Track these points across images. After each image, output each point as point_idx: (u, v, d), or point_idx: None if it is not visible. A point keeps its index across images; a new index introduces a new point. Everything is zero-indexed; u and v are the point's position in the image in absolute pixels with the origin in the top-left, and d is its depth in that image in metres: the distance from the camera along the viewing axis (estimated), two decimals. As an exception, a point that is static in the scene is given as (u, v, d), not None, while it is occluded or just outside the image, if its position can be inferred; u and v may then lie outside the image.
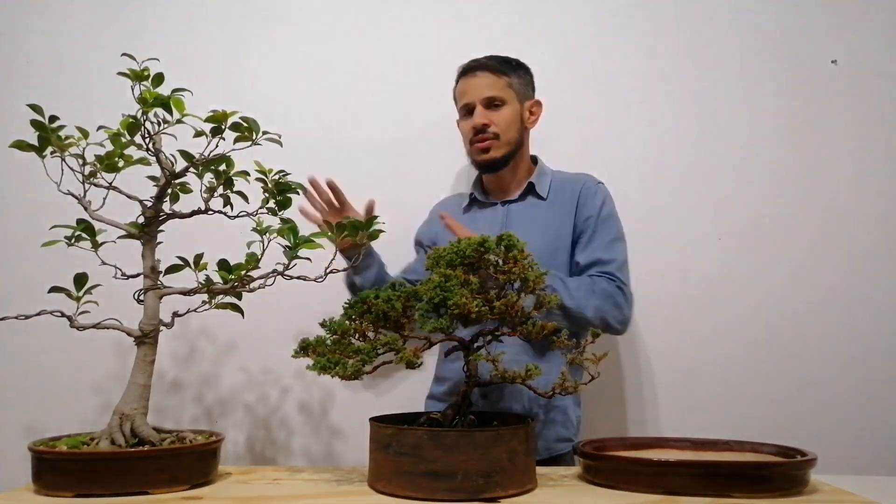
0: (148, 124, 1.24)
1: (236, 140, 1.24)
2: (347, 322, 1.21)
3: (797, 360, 1.92)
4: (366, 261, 1.70)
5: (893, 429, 1.89)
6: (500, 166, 1.70)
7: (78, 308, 1.26)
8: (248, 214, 1.33)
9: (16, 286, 1.87)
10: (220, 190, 1.31)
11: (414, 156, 1.95)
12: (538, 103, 1.75)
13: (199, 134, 1.25)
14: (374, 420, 1.23)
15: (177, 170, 1.28)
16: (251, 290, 1.32)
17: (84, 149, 1.24)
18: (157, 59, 1.22)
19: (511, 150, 1.69)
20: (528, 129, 1.75)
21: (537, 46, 1.98)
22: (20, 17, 1.96)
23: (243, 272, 1.29)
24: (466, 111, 1.70)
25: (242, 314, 1.36)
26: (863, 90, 1.98)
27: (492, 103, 1.67)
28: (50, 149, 1.22)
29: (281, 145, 1.26)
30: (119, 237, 1.31)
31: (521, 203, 1.71)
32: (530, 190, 1.71)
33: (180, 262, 1.35)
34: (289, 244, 1.31)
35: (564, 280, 1.54)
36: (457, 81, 1.73)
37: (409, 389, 1.88)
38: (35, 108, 1.20)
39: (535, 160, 1.79)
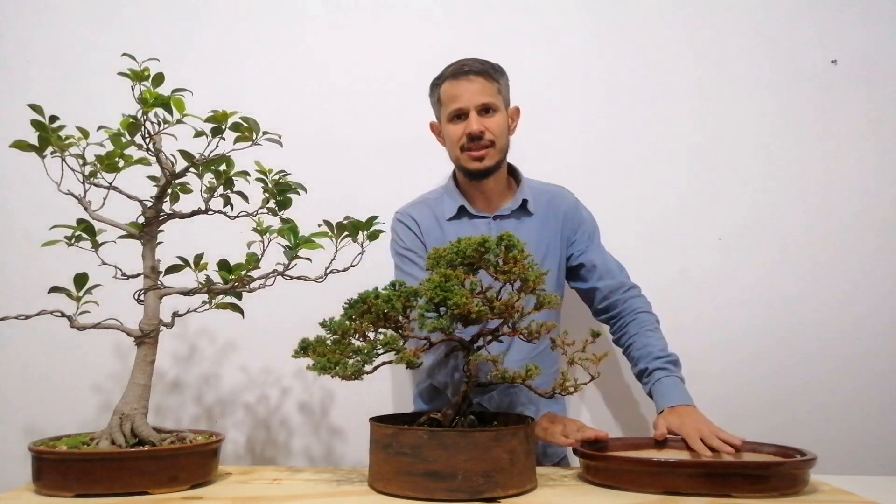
0: (148, 124, 1.24)
1: (236, 140, 1.24)
2: (347, 322, 1.21)
3: (797, 360, 1.91)
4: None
5: (893, 429, 1.89)
6: (491, 174, 1.66)
7: (78, 308, 1.26)
8: (248, 214, 1.33)
9: (16, 286, 1.87)
10: (221, 190, 1.31)
11: (413, 156, 1.95)
12: (517, 110, 1.72)
13: (199, 134, 1.24)
14: (374, 420, 1.23)
15: (177, 170, 1.28)
16: (251, 290, 1.32)
17: (84, 149, 1.24)
18: (157, 59, 1.22)
19: (502, 157, 1.67)
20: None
21: (537, 47, 1.99)
22: (20, 17, 1.96)
23: (243, 272, 1.29)
24: (457, 116, 1.63)
25: (242, 314, 1.36)
26: (863, 90, 1.97)
27: (486, 110, 1.62)
28: (50, 149, 1.22)
29: (281, 145, 1.26)
30: (119, 237, 1.31)
31: (511, 218, 1.68)
32: (522, 205, 1.69)
33: (180, 262, 1.35)
34: (289, 244, 1.31)
35: (673, 361, 1.60)
36: (440, 83, 1.66)
37: (409, 389, 1.88)
38: (35, 108, 1.19)
39: (511, 168, 1.75)
